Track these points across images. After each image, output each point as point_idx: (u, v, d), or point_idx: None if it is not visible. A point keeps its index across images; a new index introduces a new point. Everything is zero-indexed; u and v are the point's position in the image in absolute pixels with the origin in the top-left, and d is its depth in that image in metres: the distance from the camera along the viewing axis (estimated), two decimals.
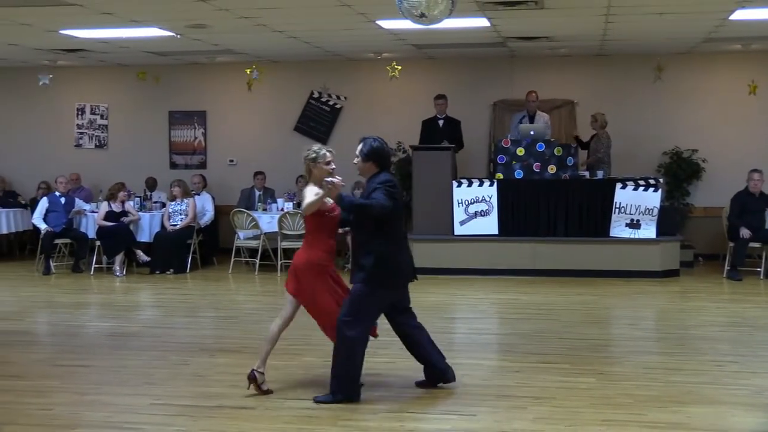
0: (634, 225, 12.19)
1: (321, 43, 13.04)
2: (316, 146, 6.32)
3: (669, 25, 11.29)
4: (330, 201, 6.03)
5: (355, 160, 6.19)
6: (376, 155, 6.09)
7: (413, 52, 13.88)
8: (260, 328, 6.44)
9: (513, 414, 5.75)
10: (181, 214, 13.05)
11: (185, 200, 13.12)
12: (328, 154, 6.27)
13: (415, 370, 6.83)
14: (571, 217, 12.43)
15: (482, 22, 11.15)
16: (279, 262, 12.66)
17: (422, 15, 6.90)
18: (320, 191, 5.99)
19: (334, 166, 6.24)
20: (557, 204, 12.44)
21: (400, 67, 14.24)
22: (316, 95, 15.10)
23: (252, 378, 6.13)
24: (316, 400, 5.92)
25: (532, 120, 13.23)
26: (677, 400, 6.04)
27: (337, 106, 15.15)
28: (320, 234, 6.15)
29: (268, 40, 12.56)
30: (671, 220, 12.74)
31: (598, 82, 14.48)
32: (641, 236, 12.16)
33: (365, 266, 5.95)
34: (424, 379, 6.42)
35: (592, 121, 13.33)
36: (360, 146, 6.13)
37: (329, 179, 5.89)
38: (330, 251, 6.20)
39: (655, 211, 12.14)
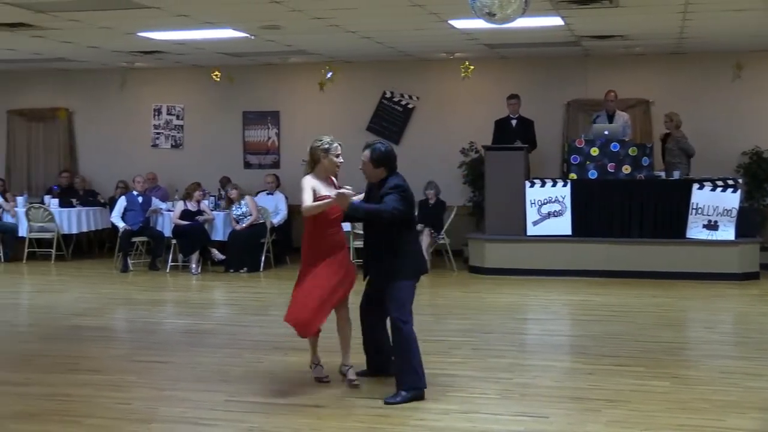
0: (712, 226, 11.94)
1: (393, 43, 13.06)
2: (327, 137, 6.34)
3: (749, 22, 11.03)
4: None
5: (361, 167, 6.27)
6: (386, 159, 6.19)
7: (485, 51, 13.81)
8: (331, 326, 6.47)
9: (586, 417, 5.68)
10: (246, 216, 13.19)
11: (243, 201, 13.25)
12: (339, 146, 6.32)
13: (487, 370, 6.82)
14: (646, 218, 12.24)
15: (556, 21, 11.04)
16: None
17: (495, 14, 6.86)
18: (320, 189, 6.11)
19: (342, 160, 6.32)
20: (632, 205, 12.26)
21: (472, 67, 14.19)
22: (388, 95, 15.13)
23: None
24: (387, 402, 5.93)
25: (611, 120, 13.06)
26: (757, 407, 5.89)
27: (410, 106, 15.17)
28: (323, 223, 6.22)
29: (340, 41, 12.63)
30: (751, 221, 12.46)
31: (674, 81, 14.23)
32: (719, 238, 11.91)
33: (398, 263, 6.09)
34: (366, 369, 6.55)
35: (667, 120, 13.11)
36: (368, 152, 6.19)
37: (341, 191, 5.92)
38: (334, 245, 6.27)
39: (734, 212, 11.88)
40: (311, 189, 6.15)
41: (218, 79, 15.33)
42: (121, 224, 13.33)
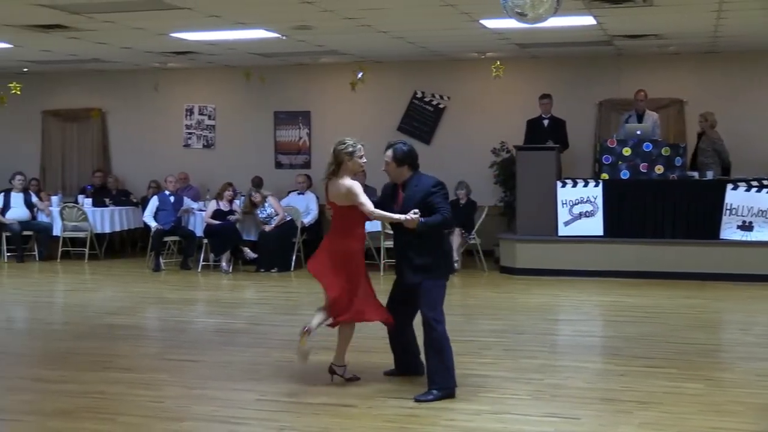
0: (747, 227, 11.81)
1: (425, 43, 13.05)
2: (350, 140, 6.36)
3: None
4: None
5: (384, 167, 6.31)
6: (409, 158, 6.26)
7: (517, 51, 13.76)
8: (362, 326, 6.48)
9: (618, 418, 5.64)
10: (272, 217, 13.21)
11: (266, 202, 13.27)
12: (362, 147, 6.36)
13: (519, 371, 6.79)
14: (678, 218, 12.13)
15: (588, 20, 10.98)
16: (382, 262, 12.71)
17: (527, 14, 6.84)
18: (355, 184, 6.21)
19: (365, 160, 6.37)
20: (664, 205, 12.15)
21: (504, 67, 14.14)
22: (419, 95, 15.12)
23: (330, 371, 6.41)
24: (417, 400, 5.94)
25: (640, 120, 12.96)
26: None
27: (441, 106, 15.15)
28: (353, 222, 6.29)
29: (372, 41, 12.64)
30: None
31: (708, 80, 14.11)
32: (754, 239, 11.78)
33: (430, 263, 6.12)
34: (394, 368, 6.55)
35: (702, 120, 12.99)
36: (390, 152, 6.26)
37: (409, 216, 5.96)
38: (363, 239, 6.40)
39: None
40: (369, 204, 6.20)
41: (249, 80, 15.35)
42: (153, 224, 13.42)
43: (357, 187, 6.23)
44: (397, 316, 6.39)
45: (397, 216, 6.09)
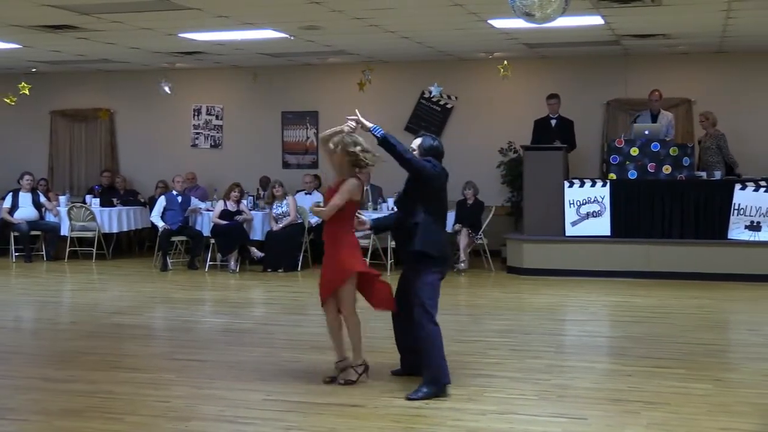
0: (755, 227, 11.78)
1: (433, 43, 13.05)
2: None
3: None
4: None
5: (414, 152, 6.40)
6: (434, 152, 6.38)
7: (525, 51, 13.75)
8: (369, 326, 6.48)
9: (625, 419, 5.63)
10: (285, 216, 13.24)
11: (285, 200, 13.30)
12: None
13: (525, 371, 6.78)
14: (686, 218, 12.11)
15: (596, 20, 10.96)
16: (389, 261, 12.71)
17: (535, 14, 6.83)
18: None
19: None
20: (672, 205, 12.13)
21: (511, 67, 14.12)
22: (427, 95, 15.12)
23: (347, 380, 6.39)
24: (409, 398, 5.95)
25: (654, 119, 12.93)
26: None
27: (448, 106, 15.15)
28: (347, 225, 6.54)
29: (380, 41, 12.64)
30: None
31: (717, 80, 14.08)
32: (762, 239, 11.75)
33: (424, 250, 6.12)
34: (400, 368, 6.54)
35: (703, 120, 13.00)
36: (420, 140, 6.45)
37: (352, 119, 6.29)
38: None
39: None
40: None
41: (255, 81, 15.35)
42: (160, 224, 13.44)
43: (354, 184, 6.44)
44: (402, 316, 6.37)
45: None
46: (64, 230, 14.41)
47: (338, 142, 6.36)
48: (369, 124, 6.31)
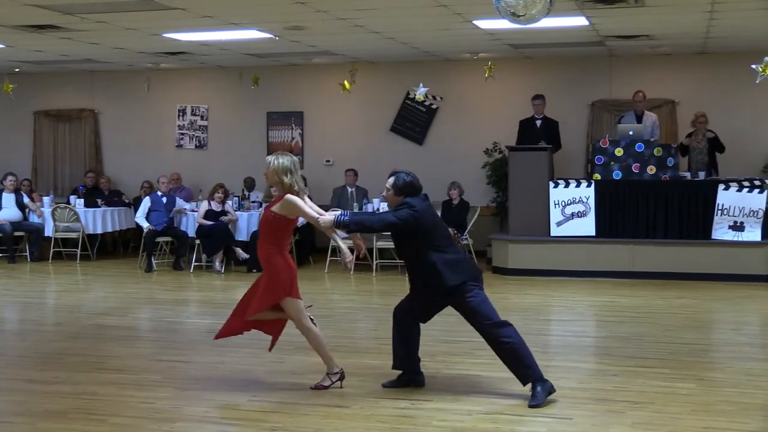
0: (738, 227, 11.85)
1: (417, 43, 13.06)
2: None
3: None
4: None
5: (384, 193, 6.33)
6: (409, 188, 6.19)
7: (510, 51, 13.78)
8: (355, 327, 6.48)
9: (610, 418, 5.65)
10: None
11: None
12: (269, 162, 6.68)
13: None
14: (670, 218, 12.16)
15: (581, 21, 11.00)
16: (374, 262, 12.71)
17: (520, 15, 6.84)
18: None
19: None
20: (656, 205, 12.19)
21: (496, 67, 14.14)
22: (412, 96, 15.12)
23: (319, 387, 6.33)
24: (531, 405, 5.87)
25: (639, 120, 12.98)
26: None
27: (433, 107, 15.15)
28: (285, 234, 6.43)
29: (364, 41, 12.64)
30: None
31: (700, 80, 14.15)
32: (745, 239, 11.82)
33: (441, 276, 6.03)
34: (395, 380, 6.42)
35: (702, 120, 13.04)
36: (393, 180, 6.24)
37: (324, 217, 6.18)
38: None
39: (761, 213, 11.78)
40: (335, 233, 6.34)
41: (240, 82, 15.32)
42: (145, 224, 13.39)
43: (305, 205, 6.50)
44: (405, 321, 6.30)
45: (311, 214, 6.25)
46: (48, 231, 14.34)
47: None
48: (330, 219, 6.14)
